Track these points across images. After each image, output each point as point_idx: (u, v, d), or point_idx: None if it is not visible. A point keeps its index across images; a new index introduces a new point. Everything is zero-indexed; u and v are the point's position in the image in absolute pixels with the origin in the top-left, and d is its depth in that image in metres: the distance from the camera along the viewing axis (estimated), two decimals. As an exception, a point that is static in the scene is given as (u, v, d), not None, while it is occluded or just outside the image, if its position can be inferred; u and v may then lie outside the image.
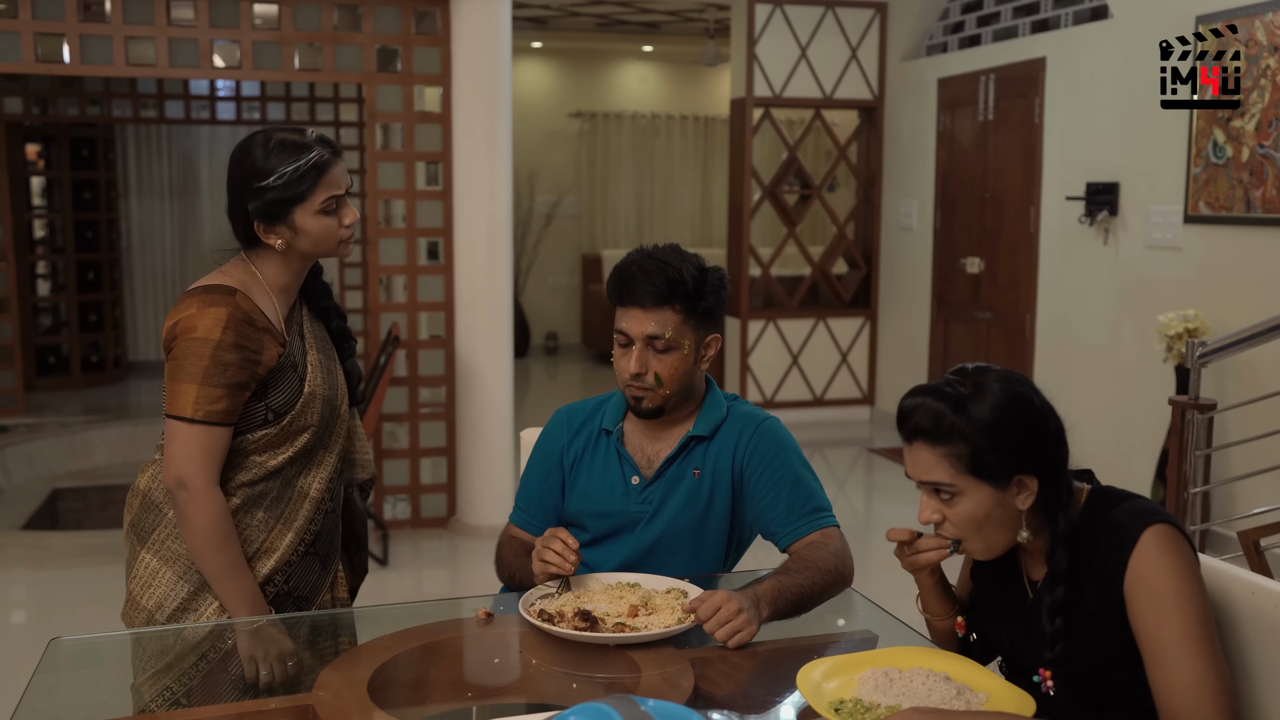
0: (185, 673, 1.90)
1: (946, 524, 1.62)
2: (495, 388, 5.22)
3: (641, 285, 2.05)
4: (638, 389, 2.10)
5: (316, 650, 2.01)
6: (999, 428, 1.56)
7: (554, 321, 11.17)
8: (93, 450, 6.88)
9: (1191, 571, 1.54)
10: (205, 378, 1.94)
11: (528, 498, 2.26)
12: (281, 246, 2.02)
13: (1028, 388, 1.62)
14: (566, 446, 2.24)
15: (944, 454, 1.58)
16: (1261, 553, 2.82)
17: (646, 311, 2.05)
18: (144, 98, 7.96)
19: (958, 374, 1.63)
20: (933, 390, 1.61)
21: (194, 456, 1.95)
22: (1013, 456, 1.57)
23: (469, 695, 1.81)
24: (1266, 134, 4.56)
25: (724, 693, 1.74)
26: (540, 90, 10.84)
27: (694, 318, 2.08)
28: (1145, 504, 1.61)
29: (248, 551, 2.05)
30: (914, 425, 1.60)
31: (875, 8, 7.50)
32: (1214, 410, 3.76)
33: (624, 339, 2.09)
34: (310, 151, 2.00)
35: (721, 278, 2.12)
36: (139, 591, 2.06)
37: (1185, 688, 1.50)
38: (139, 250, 9.67)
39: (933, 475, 1.59)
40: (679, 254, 2.10)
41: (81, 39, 4.70)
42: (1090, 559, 1.58)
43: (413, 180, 5.19)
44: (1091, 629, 1.58)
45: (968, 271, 6.71)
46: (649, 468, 2.18)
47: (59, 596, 4.55)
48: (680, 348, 2.07)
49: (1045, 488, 1.60)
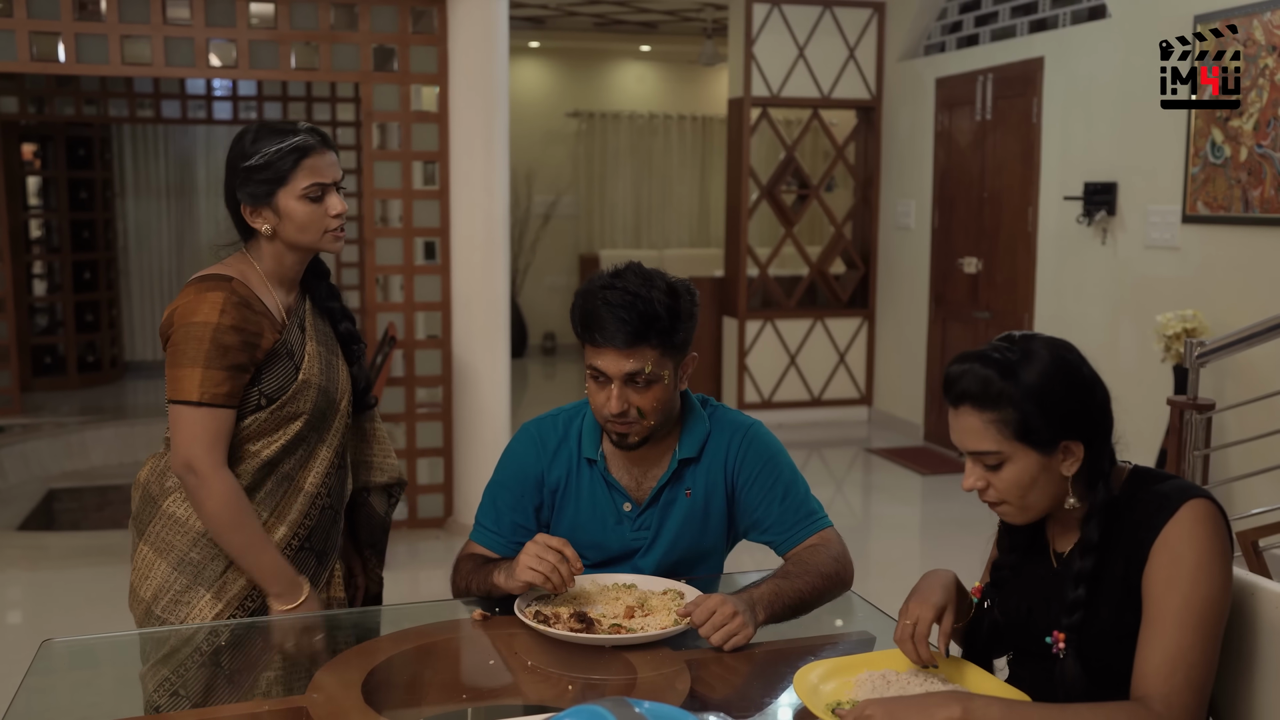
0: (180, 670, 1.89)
1: (990, 489, 1.61)
2: (492, 388, 5.21)
3: (613, 326, 1.92)
4: (621, 426, 2.00)
5: (311, 651, 2.00)
6: (1046, 393, 1.55)
7: (551, 321, 11.15)
8: (89, 451, 6.87)
9: (1220, 551, 1.52)
10: (208, 361, 1.96)
11: (497, 518, 2.14)
12: (268, 232, 2.04)
13: (1075, 355, 1.61)
14: (546, 471, 2.13)
15: (991, 419, 1.56)
16: (1260, 553, 2.82)
17: (622, 352, 1.94)
18: (140, 97, 7.95)
19: (1005, 340, 1.61)
20: (980, 356, 1.59)
21: (200, 439, 1.96)
22: (1059, 423, 1.56)
23: (464, 697, 1.80)
24: (1265, 134, 4.56)
25: (720, 694, 1.73)
26: (538, 90, 10.83)
27: (672, 348, 1.98)
28: (1191, 483, 1.61)
29: None
30: (961, 390, 1.58)
31: (873, 7, 7.49)
32: (1212, 410, 3.75)
33: (600, 375, 1.98)
34: (294, 136, 2.03)
35: (693, 299, 2.01)
36: (138, 583, 2.08)
37: (1164, 655, 1.49)
38: (135, 250, 9.65)
39: (980, 444, 1.58)
40: (645, 280, 1.96)
41: (77, 38, 4.68)
42: (1126, 528, 1.57)
43: (409, 180, 5.18)
44: (1114, 596, 1.57)
45: (965, 271, 6.71)
46: (639, 492, 2.11)
47: (55, 597, 4.54)
48: (661, 379, 1.98)
49: (1090, 454, 1.59)
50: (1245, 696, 1.64)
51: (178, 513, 2.05)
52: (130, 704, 1.79)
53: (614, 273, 2.00)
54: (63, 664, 1.91)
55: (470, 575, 2.07)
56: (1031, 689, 1.61)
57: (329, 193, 2.05)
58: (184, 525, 2.05)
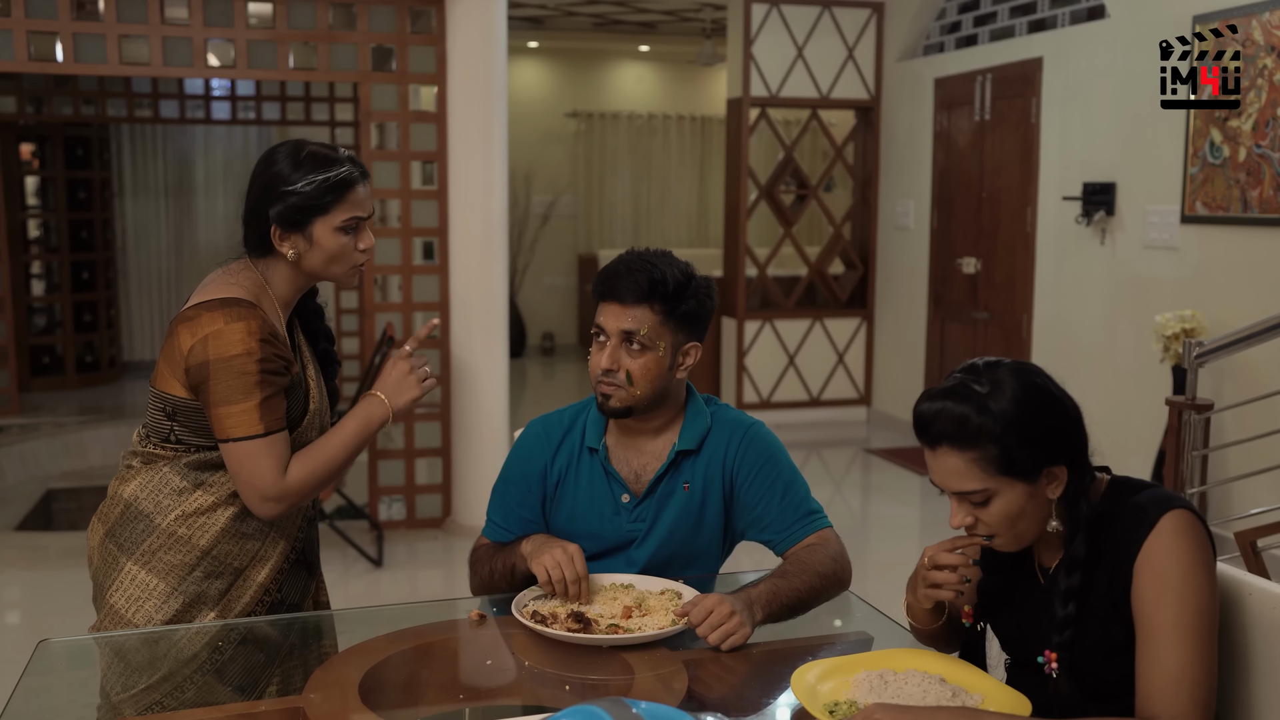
0: (178, 670, 1.88)
1: (979, 524, 1.60)
2: (490, 388, 5.20)
3: (624, 281, 2.02)
4: (608, 385, 2.05)
5: (308, 652, 2.00)
6: (1023, 422, 1.54)
7: (550, 321, 11.15)
8: (87, 450, 6.86)
9: (1203, 562, 1.53)
10: (261, 389, 1.92)
11: (507, 514, 2.18)
12: (293, 257, 2.00)
13: (1043, 377, 1.60)
14: (549, 464, 2.17)
15: (973, 458, 1.55)
16: (1259, 553, 2.82)
17: (625, 307, 2.02)
18: (139, 97, 7.95)
19: (968, 372, 1.60)
20: (950, 393, 1.57)
21: (274, 469, 1.94)
22: (1041, 450, 1.56)
23: (461, 697, 1.80)
24: (1263, 134, 4.56)
25: (718, 695, 1.73)
26: (536, 90, 10.83)
27: (672, 320, 2.04)
28: (1168, 492, 1.60)
29: (244, 559, 2.03)
30: (937, 431, 1.57)
31: (872, 7, 7.49)
32: (1211, 411, 3.75)
33: (601, 335, 2.06)
34: (341, 166, 1.99)
35: (709, 287, 2.09)
36: (125, 605, 2.00)
37: (1166, 674, 1.49)
38: (134, 250, 9.64)
39: (965, 484, 1.57)
40: (669, 258, 2.08)
41: (75, 38, 4.68)
42: (1108, 543, 1.57)
43: (408, 180, 5.18)
44: (1101, 610, 1.57)
45: (964, 271, 6.70)
46: (638, 484, 2.13)
47: (53, 597, 4.53)
48: (655, 349, 2.03)
49: (1073, 475, 1.59)
50: (1240, 695, 1.64)
51: (180, 531, 1.99)
52: (127, 704, 1.78)
53: (646, 249, 2.11)
54: (60, 664, 1.91)
55: (492, 556, 2.13)
56: (1029, 696, 1.61)
57: (362, 226, 2.02)
58: (188, 544, 1.99)
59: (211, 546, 2.00)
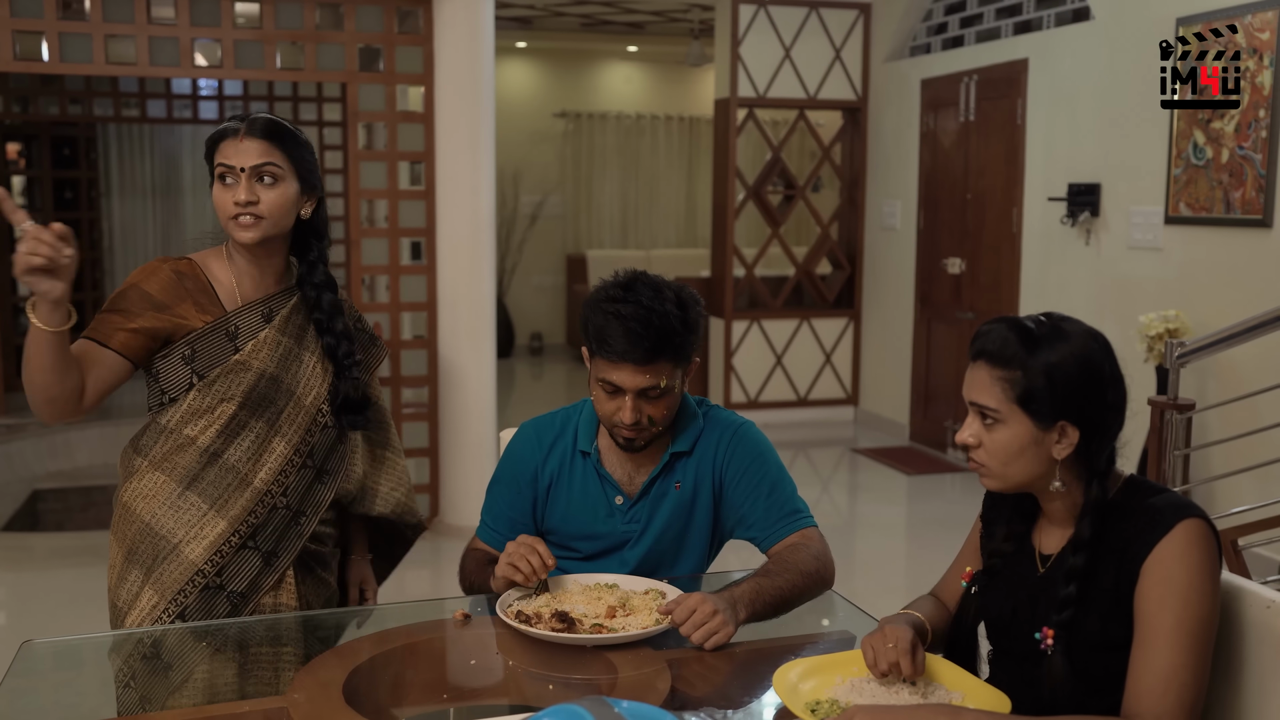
0: (158, 670, 1.89)
1: (980, 450, 1.63)
2: (478, 388, 5.21)
3: (630, 343, 1.95)
4: (632, 433, 2.04)
5: (291, 651, 2.00)
6: (1058, 371, 1.57)
7: (539, 322, 11.16)
8: (74, 451, 6.84)
9: (1211, 573, 1.54)
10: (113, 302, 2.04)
11: (496, 516, 2.20)
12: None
13: (1104, 353, 1.62)
14: (541, 466, 2.17)
15: (1000, 377, 1.60)
16: (1239, 552, 2.84)
17: (640, 368, 1.97)
18: (126, 96, 7.92)
19: (1045, 315, 1.65)
20: (1013, 322, 1.63)
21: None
22: (1062, 401, 1.58)
23: (445, 697, 1.81)
24: (1246, 136, 4.59)
25: (701, 694, 1.74)
26: (524, 90, 10.83)
27: (684, 359, 2.03)
28: (1185, 499, 1.62)
29: (176, 535, 2.05)
30: (981, 346, 1.63)
31: (859, 9, 7.51)
32: (1192, 410, 3.77)
33: (612, 388, 2.01)
34: (232, 122, 2.04)
35: (699, 307, 2.05)
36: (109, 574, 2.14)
37: (1158, 674, 1.50)
38: (121, 250, 9.61)
39: (983, 397, 1.61)
40: (657, 293, 1.98)
41: (61, 37, 4.67)
42: (1118, 538, 1.58)
43: (395, 180, 5.18)
44: (1103, 606, 1.58)
45: (950, 272, 6.73)
46: (631, 485, 2.15)
47: (38, 598, 4.52)
48: (673, 389, 2.04)
49: (1085, 444, 1.60)
50: (1231, 698, 1.65)
51: (124, 499, 2.09)
52: (111, 705, 1.79)
53: (623, 284, 2.01)
54: (44, 665, 1.91)
55: (474, 574, 2.16)
56: (1011, 690, 1.62)
57: (237, 178, 1.99)
58: (130, 512, 2.08)
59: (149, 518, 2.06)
